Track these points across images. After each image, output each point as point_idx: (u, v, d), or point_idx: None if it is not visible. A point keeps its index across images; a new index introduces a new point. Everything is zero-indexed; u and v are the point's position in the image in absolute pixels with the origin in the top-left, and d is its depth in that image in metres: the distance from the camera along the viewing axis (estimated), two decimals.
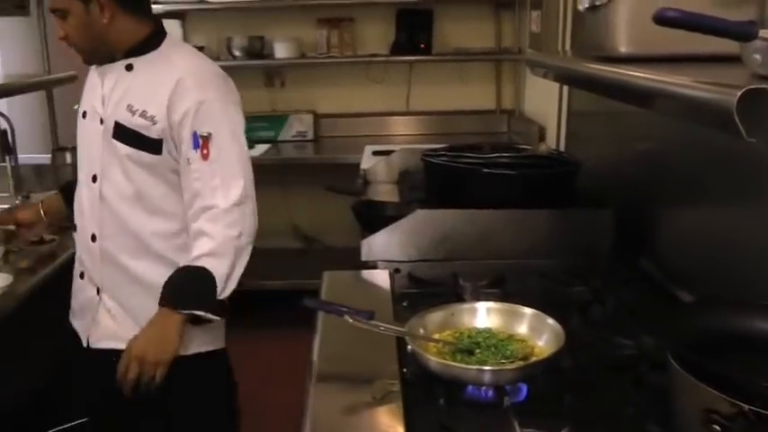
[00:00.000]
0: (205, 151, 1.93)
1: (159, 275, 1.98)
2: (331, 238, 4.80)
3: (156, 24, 2.08)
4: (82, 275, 2.14)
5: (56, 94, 3.93)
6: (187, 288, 1.93)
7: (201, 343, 2.07)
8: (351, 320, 1.53)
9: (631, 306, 1.86)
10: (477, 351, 1.52)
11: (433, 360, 1.46)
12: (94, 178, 2.04)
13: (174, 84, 1.95)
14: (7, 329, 2.20)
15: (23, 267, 2.46)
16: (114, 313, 2.08)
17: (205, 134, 1.94)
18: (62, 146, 3.70)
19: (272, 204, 4.81)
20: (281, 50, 4.63)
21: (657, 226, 2.16)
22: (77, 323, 2.17)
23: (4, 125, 3.35)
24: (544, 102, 3.74)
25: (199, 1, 4.31)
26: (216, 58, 3.90)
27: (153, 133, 1.96)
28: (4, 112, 3.49)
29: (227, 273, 1.93)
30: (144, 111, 1.96)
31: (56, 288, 2.44)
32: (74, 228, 2.16)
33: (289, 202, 4.86)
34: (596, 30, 1.51)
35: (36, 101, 4.19)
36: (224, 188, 1.94)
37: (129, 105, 1.98)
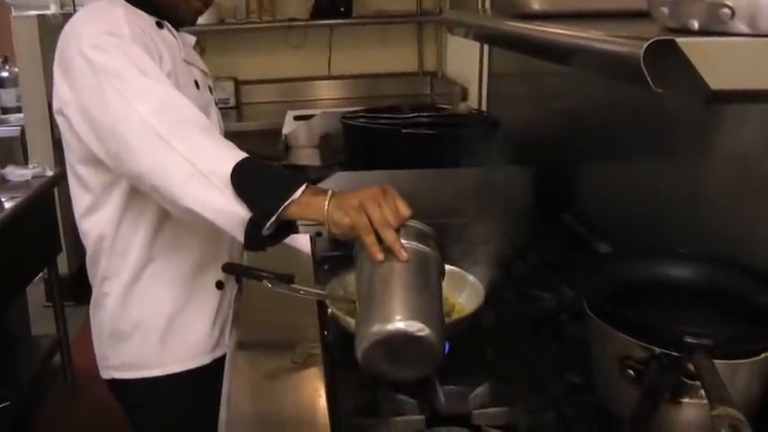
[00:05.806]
0: None
1: None
2: None
3: None
4: None
5: None
6: None
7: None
8: (270, 285, 1.49)
9: (553, 261, 1.88)
10: None
11: (353, 322, 1.43)
12: None
13: None
14: None
15: None
16: None
17: None
18: None
19: None
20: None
21: (578, 182, 2.19)
22: None
23: None
24: (466, 63, 3.73)
25: None
26: None
27: None
28: None
29: None
30: None
31: None
32: None
33: None
34: None
35: None
36: None
37: None
